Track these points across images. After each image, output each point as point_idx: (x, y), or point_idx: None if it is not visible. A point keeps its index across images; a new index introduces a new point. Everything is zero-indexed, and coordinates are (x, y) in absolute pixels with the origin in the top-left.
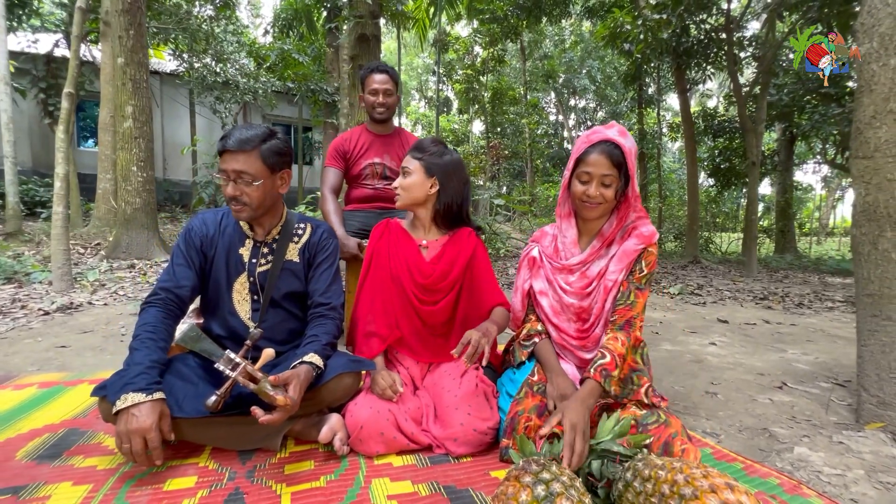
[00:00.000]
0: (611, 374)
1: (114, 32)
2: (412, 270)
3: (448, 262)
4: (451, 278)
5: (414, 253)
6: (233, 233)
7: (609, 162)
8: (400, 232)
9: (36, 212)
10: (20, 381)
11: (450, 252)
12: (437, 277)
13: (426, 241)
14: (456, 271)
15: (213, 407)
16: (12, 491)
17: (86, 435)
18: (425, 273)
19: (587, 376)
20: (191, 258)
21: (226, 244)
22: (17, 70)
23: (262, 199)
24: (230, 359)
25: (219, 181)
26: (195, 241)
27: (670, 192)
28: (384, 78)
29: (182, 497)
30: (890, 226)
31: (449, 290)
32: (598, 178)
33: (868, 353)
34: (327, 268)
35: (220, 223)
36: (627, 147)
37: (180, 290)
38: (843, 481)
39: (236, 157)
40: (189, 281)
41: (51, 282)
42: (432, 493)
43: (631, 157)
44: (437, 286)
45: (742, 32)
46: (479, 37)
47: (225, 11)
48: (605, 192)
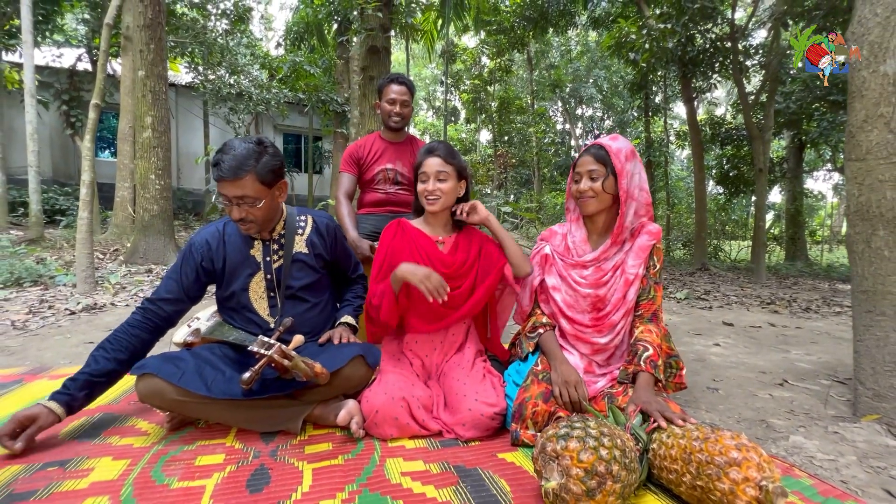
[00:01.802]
0: (657, 363)
1: (135, 47)
2: (434, 262)
3: (464, 251)
4: (468, 264)
5: (433, 248)
6: (239, 238)
7: (593, 159)
8: (414, 231)
9: (56, 219)
10: (55, 372)
11: (464, 244)
12: (457, 266)
13: (442, 238)
14: (472, 258)
15: (248, 382)
16: (59, 464)
17: (120, 418)
18: (447, 263)
19: (639, 370)
20: (185, 273)
21: (234, 250)
22: (40, 83)
23: (266, 214)
24: (264, 341)
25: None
26: (195, 256)
27: (679, 200)
28: (402, 89)
29: (213, 471)
30: (882, 224)
31: (467, 275)
32: (585, 174)
33: (864, 348)
34: (343, 252)
35: (223, 233)
36: (613, 148)
37: (163, 302)
38: (834, 465)
39: (235, 185)
40: (172, 295)
41: (75, 284)
42: (443, 471)
43: (617, 156)
44: (458, 273)
45: (748, 41)
46: (486, 48)
47: (239, 25)
48: (594, 186)
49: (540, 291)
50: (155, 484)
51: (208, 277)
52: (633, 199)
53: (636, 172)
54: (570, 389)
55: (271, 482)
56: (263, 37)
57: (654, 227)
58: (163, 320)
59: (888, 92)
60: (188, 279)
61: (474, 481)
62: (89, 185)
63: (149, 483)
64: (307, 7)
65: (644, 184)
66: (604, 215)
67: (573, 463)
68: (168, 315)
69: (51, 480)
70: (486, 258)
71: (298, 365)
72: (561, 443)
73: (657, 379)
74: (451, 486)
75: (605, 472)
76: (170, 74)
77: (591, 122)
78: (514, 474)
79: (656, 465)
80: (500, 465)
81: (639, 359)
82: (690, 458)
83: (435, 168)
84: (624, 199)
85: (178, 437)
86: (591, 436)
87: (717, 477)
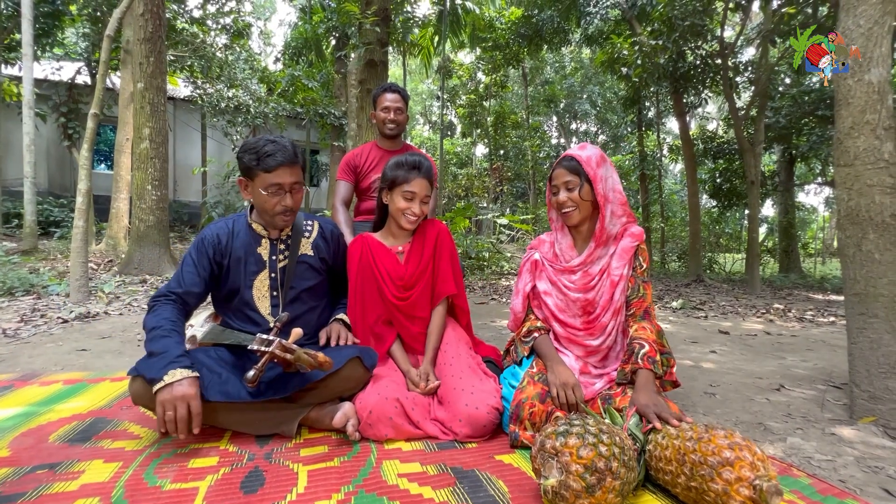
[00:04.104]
0: (655, 359)
1: (134, 59)
2: (393, 278)
3: (416, 257)
4: (419, 269)
5: (393, 261)
6: (246, 236)
7: (566, 171)
8: (377, 245)
9: (50, 231)
10: (46, 379)
11: (417, 247)
12: (408, 276)
13: (402, 247)
14: (424, 261)
15: (253, 380)
16: (49, 467)
17: (112, 423)
18: (402, 276)
19: (637, 367)
20: (202, 265)
21: (241, 247)
22: (38, 96)
23: None
24: (263, 339)
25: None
26: (208, 250)
27: (673, 214)
28: (395, 97)
29: (206, 473)
30: (872, 228)
31: (420, 278)
32: (562, 185)
33: (858, 351)
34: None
35: (232, 230)
36: (583, 157)
37: (188, 295)
38: (832, 465)
39: (293, 170)
40: (197, 287)
41: (68, 294)
42: (440, 472)
43: (588, 163)
44: (411, 283)
45: (737, 58)
46: (481, 63)
47: (238, 40)
48: (572, 196)
49: (532, 297)
50: (147, 486)
51: (218, 271)
52: (610, 202)
53: (608, 176)
54: (567, 391)
55: (265, 484)
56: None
57: (637, 230)
58: (185, 311)
59: (873, 100)
60: (205, 271)
61: (472, 482)
62: (86, 193)
63: (140, 485)
64: (306, 23)
65: (617, 185)
66: (587, 222)
67: (573, 459)
68: (191, 307)
69: (40, 483)
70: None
71: (301, 357)
72: (560, 439)
73: (657, 375)
74: (448, 486)
75: (605, 468)
76: (169, 88)
77: (585, 137)
78: (513, 475)
79: (653, 466)
80: (498, 467)
81: (636, 357)
82: (684, 458)
83: (423, 192)
84: (602, 202)
85: (171, 440)
86: (590, 433)
87: (710, 478)
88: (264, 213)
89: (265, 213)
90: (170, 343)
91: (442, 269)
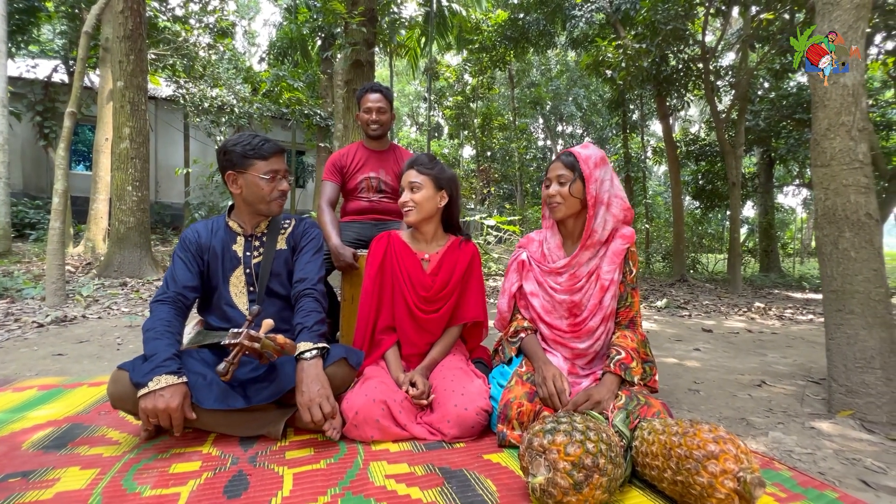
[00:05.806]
0: (629, 366)
1: (114, 58)
2: (415, 284)
3: (446, 273)
4: (448, 289)
5: (416, 267)
6: (224, 234)
7: (562, 164)
8: (401, 246)
9: (25, 233)
10: (19, 385)
11: (447, 264)
12: (436, 290)
13: (428, 255)
14: (453, 282)
15: (224, 372)
16: (22, 475)
17: (89, 429)
18: (426, 286)
19: (607, 370)
20: (190, 261)
21: (219, 245)
22: (13, 94)
23: None
24: (234, 332)
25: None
26: (191, 246)
27: (657, 215)
28: (378, 97)
29: (188, 478)
30: (848, 227)
31: (448, 299)
32: (555, 179)
33: (835, 346)
34: (312, 253)
35: (211, 229)
36: (583, 154)
37: (184, 290)
38: (812, 458)
39: (283, 158)
40: (192, 281)
41: (43, 297)
42: (428, 473)
43: (586, 161)
44: (437, 297)
45: (718, 62)
46: (468, 65)
47: (222, 40)
48: (561, 190)
49: (519, 297)
50: (126, 493)
51: (203, 267)
52: (603, 204)
53: (606, 179)
54: (555, 381)
55: (250, 488)
56: (247, 51)
57: (628, 231)
58: (185, 306)
59: (848, 102)
60: (194, 265)
61: (460, 482)
62: (62, 194)
63: (119, 492)
64: (291, 23)
65: (619, 191)
66: (577, 222)
67: (560, 456)
68: (189, 302)
69: (12, 492)
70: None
71: (267, 344)
72: (548, 437)
73: (624, 380)
74: (436, 487)
75: (593, 465)
76: (150, 88)
77: (571, 139)
78: (501, 474)
79: (639, 462)
80: (486, 466)
81: (610, 361)
82: (671, 453)
83: (408, 179)
84: (592, 203)
85: (152, 445)
86: (577, 430)
87: (695, 471)
88: (259, 201)
89: (260, 200)
90: (160, 345)
91: (471, 291)
